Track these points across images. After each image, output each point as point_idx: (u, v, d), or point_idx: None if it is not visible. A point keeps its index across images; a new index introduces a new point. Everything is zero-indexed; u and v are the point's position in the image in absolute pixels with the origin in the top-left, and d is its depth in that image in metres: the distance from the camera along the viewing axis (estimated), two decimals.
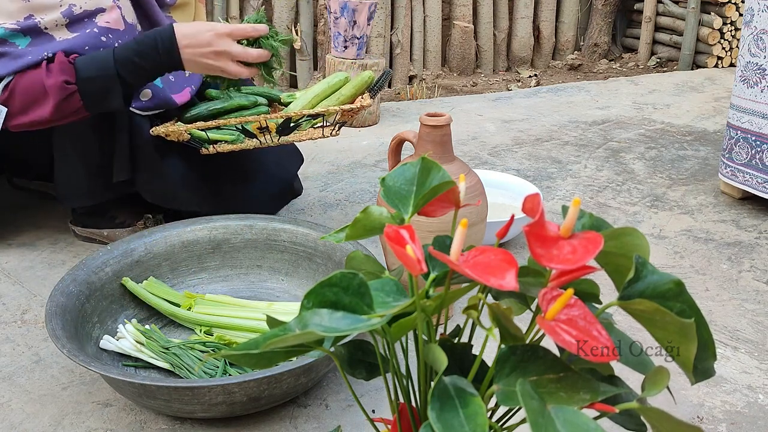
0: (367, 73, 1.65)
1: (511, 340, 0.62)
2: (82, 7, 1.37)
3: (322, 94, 1.63)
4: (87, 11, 1.37)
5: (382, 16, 3.32)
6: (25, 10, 1.35)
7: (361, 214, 0.68)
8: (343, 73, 1.68)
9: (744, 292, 1.47)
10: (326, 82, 1.65)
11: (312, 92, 1.63)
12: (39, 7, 1.35)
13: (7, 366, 1.22)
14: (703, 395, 1.15)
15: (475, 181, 1.33)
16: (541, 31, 3.89)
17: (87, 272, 1.26)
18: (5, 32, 1.34)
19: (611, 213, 1.86)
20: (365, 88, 1.65)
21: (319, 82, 1.72)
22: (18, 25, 1.34)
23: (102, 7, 1.39)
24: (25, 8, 1.35)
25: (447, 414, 0.55)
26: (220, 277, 1.43)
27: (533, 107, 2.89)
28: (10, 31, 1.34)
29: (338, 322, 0.58)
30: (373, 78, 1.65)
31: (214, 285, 1.42)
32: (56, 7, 1.36)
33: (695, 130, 2.57)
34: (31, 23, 1.35)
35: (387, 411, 1.08)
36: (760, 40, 1.75)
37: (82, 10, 1.37)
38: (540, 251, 0.59)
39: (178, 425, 1.08)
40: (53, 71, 1.33)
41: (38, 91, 1.33)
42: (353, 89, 1.63)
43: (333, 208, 1.87)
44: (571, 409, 0.53)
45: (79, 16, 1.37)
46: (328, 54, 2.63)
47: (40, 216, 1.80)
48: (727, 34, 3.59)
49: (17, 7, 1.34)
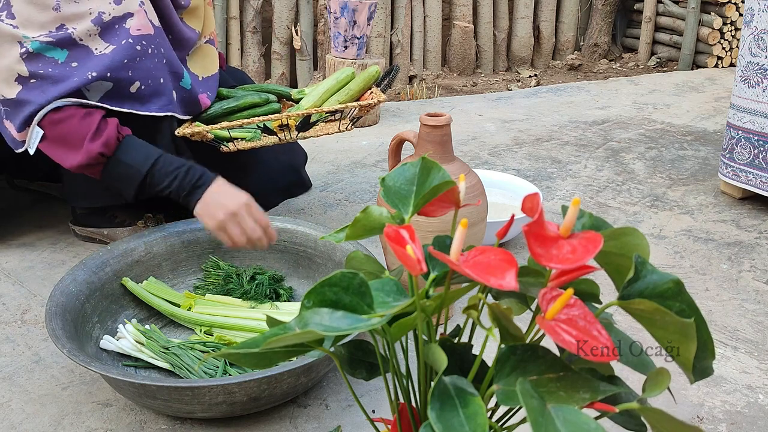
0: (374, 68, 1.67)
1: (511, 340, 0.62)
2: (110, 13, 1.36)
3: (331, 89, 1.66)
4: (116, 17, 1.36)
5: (382, 16, 3.32)
6: (57, 20, 1.33)
7: (361, 214, 0.68)
8: (349, 68, 1.70)
9: (744, 292, 1.47)
10: (334, 78, 1.68)
11: (322, 87, 1.66)
12: (70, 16, 1.33)
13: (7, 366, 1.22)
14: (703, 395, 1.15)
15: (475, 181, 1.33)
16: (541, 31, 3.89)
17: (87, 272, 1.26)
18: (40, 45, 1.31)
19: (611, 213, 1.86)
20: (372, 83, 1.68)
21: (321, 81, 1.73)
22: (53, 38, 1.32)
23: (130, 12, 1.37)
24: (57, 18, 1.33)
25: (447, 414, 0.55)
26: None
27: (533, 107, 2.89)
28: (45, 44, 1.32)
29: (338, 321, 0.58)
30: (379, 73, 1.68)
31: None
32: (86, 15, 1.34)
33: (695, 130, 2.57)
34: (64, 35, 1.32)
35: (387, 411, 1.08)
36: (760, 40, 1.75)
37: (111, 17, 1.36)
38: (539, 251, 0.59)
39: (178, 425, 1.08)
40: (101, 136, 1.33)
41: (75, 143, 1.34)
42: (361, 84, 1.66)
43: (333, 208, 1.87)
44: (572, 409, 0.53)
45: (110, 22, 1.36)
46: (328, 54, 2.63)
47: (41, 216, 1.80)
48: (727, 34, 3.59)
49: (48, 18, 1.32)
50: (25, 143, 1.37)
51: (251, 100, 1.61)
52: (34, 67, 1.32)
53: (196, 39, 1.61)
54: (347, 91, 1.65)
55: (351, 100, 1.65)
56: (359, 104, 1.52)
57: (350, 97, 1.65)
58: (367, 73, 1.67)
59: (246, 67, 3.36)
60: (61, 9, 1.33)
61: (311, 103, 1.62)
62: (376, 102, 1.53)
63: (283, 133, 1.52)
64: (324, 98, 1.64)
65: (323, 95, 1.64)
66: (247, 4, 3.30)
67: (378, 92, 1.62)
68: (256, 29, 3.34)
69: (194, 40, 1.60)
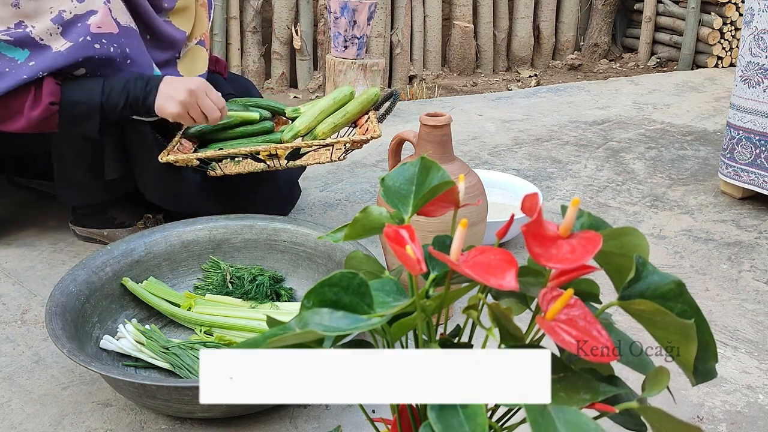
0: (373, 91, 1.64)
1: (511, 340, 0.62)
2: (72, 11, 1.34)
3: (327, 110, 1.61)
4: (78, 15, 1.34)
5: (382, 16, 3.32)
6: (15, 16, 1.32)
7: (360, 214, 0.68)
8: (348, 87, 1.67)
9: (744, 292, 1.47)
10: (332, 98, 1.64)
11: (318, 107, 1.61)
12: (29, 13, 1.32)
13: (7, 366, 1.22)
14: (703, 395, 1.15)
15: (475, 181, 1.33)
16: (541, 31, 3.89)
17: (87, 272, 1.26)
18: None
19: (611, 213, 1.86)
20: (371, 107, 1.64)
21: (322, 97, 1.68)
22: (11, 36, 1.31)
23: (93, 9, 1.35)
24: (15, 14, 1.32)
25: (447, 414, 0.55)
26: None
27: (533, 107, 2.89)
28: (4, 42, 1.31)
29: (338, 321, 0.58)
30: (378, 96, 1.64)
31: None
32: (46, 12, 1.32)
33: (695, 130, 2.57)
34: (23, 33, 1.32)
35: (387, 411, 1.08)
36: (760, 40, 1.75)
37: (72, 15, 1.34)
38: (538, 251, 0.59)
39: (178, 425, 1.08)
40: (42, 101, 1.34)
41: (17, 112, 1.35)
42: (359, 106, 1.62)
43: (333, 208, 1.87)
44: (571, 409, 0.53)
45: (71, 20, 1.34)
46: (328, 54, 2.63)
47: (41, 216, 1.80)
48: (727, 34, 3.59)
49: (7, 13, 1.31)
50: None
51: (244, 116, 1.59)
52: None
53: (184, 40, 1.60)
54: (344, 114, 1.61)
55: (347, 123, 1.63)
56: (352, 140, 1.47)
57: (346, 119, 1.61)
58: (366, 95, 1.63)
59: (246, 67, 3.36)
60: (20, 5, 1.31)
61: (305, 125, 1.58)
62: (369, 138, 1.48)
63: (272, 161, 1.48)
64: (319, 119, 1.60)
65: (318, 116, 1.59)
66: (247, 4, 3.30)
67: (374, 120, 1.58)
68: (256, 29, 3.35)
69: (182, 41, 1.60)
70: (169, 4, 1.57)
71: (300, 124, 1.58)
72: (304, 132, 1.58)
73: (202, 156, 1.45)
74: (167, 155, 1.44)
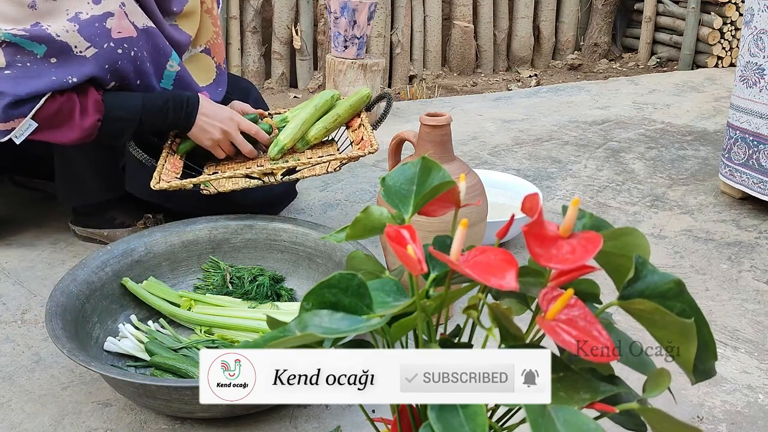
0: (364, 91, 1.62)
1: (511, 340, 0.62)
2: (89, 12, 1.34)
3: (311, 118, 1.59)
4: (95, 16, 1.34)
5: (382, 16, 3.31)
6: (32, 17, 1.31)
7: (361, 214, 0.68)
8: (330, 91, 1.65)
9: (744, 292, 1.47)
10: (313, 106, 1.61)
11: (300, 119, 1.58)
12: (45, 14, 1.31)
13: (7, 366, 1.22)
14: (703, 395, 1.15)
15: (475, 181, 1.33)
16: (541, 31, 3.88)
17: (87, 272, 1.26)
18: (14, 37, 1.29)
19: (611, 213, 1.86)
20: (362, 107, 1.62)
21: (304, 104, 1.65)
22: (26, 32, 1.30)
23: (110, 11, 1.36)
24: (32, 15, 1.31)
25: (447, 414, 0.55)
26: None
27: (533, 107, 2.89)
28: (20, 37, 1.30)
29: (338, 323, 0.58)
30: (369, 96, 1.62)
31: None
32: (62, 13, 1.32)
33: (695, 130, 2.57)
34: (39, 30, 1.31)
35: (387, 411, 1.08)
36: (759, 40, 1.75)
37: (89, 16, 1.34)
38: (539, 251, 0.59)
39: (178, 425, 1.08)
40: (89, 112, 1.37)
41: (67, 124, 1.37)
42: (350, 108, 1.61)
43: (333, 208, 1.87)
44: (571, 409, 0.53)
45: (88, 20, 1.34)
46: (328, 54, 2.63)
47: (41, 216, 1.80)
48: (727, 33, 3.59)
49: (23, 14, 1.31)
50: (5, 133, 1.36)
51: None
52: (11, 57, 1.31)
53: (188, 43, 1.60)
54: (335, 117, 1.59)
55: (339, 125, 1.61)
56: (349, 156, 1.44)
57: (338, 122, 1.60)
58: (356, 96, 1.61)
59: (246, 67, 3.36)
60: (37, 7, 1.31)
61: (290, 137, 1.55)
62: (364, 154, 1.44)
63: (267, 177, 1.45)
64: (304, 129, 1.58)
65: (302, 126, 1.57)
66: (247, 4, 3.30)
67: (368, 126, 1.55)
68: (256, 29, 3.34)
69: (186, 44, 1.59)
70: (177, 8, 1.56)
71: (284, 138, 1.55)
72: (289, 146, 1.56)
73: (194, 181, 1.40)
74: (158, 181, 1.40)
